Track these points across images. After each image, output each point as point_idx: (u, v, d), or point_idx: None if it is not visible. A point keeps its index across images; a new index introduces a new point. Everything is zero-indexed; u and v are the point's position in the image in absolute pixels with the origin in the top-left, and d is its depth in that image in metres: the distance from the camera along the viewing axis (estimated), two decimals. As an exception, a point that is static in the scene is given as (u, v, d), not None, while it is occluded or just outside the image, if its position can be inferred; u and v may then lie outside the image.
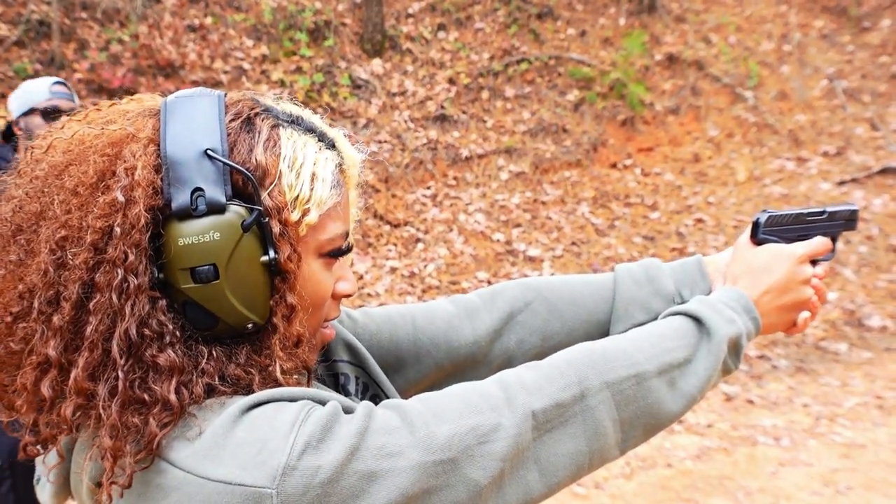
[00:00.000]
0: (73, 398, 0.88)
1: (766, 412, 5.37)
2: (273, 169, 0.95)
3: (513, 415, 0.95)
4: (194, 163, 0.91)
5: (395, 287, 6.86)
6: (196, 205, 0.90)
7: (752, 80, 9.63)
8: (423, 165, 8.12)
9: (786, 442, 4.93)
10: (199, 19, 8.52)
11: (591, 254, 7.45)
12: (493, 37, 9.46)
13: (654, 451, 4.83)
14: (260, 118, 0.98)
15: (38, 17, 7.80)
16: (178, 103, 0.95)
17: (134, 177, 0.89)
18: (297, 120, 1.02)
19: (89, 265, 0.88)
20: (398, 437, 0.89)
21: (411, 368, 1.35)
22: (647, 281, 1.34)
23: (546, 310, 1.36)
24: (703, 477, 4.54)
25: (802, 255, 1.26)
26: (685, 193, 8.37)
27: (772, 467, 4.64)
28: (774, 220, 1.29)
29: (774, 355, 6.16)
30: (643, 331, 1.13)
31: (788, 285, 1.25)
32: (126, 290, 0.88)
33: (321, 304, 1.05)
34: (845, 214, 1.35)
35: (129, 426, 0.87)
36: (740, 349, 1.16)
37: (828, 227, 1.33)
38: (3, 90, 7.27)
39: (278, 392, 0.92)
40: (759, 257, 1.27)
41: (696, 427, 5.16)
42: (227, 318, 0.94)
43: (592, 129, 8.79)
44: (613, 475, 4.56)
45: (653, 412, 1.06)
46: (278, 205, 0.94)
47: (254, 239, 0.93)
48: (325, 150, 1.01)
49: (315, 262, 1.02)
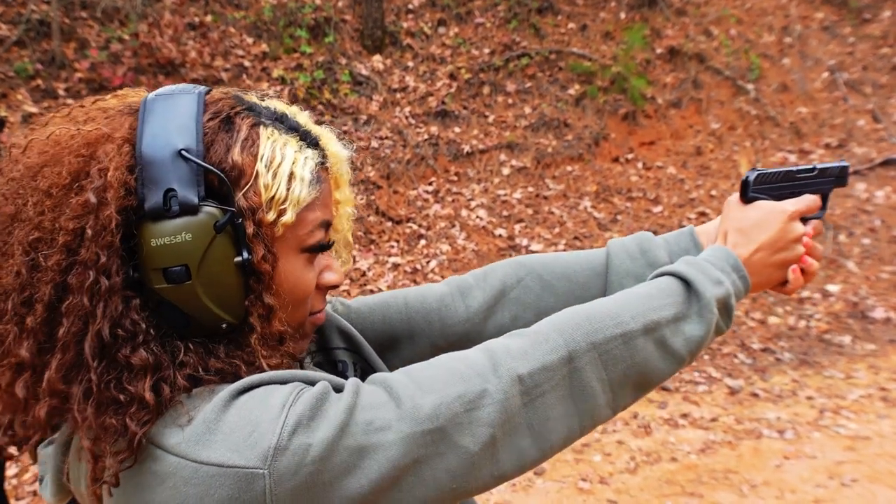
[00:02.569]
0: (46, 399, 0.89)
1: (770, 405, 5.36)
2: (249, 169, 0.95)
3: (499, 380, 0.95)
4: (168, 163, 0.91)
5: (397, 283, 6.85)
6: (169, 205, 0.90)
7: (754, 73, 9.62)
8: (425, 161, 8.12)
9: (790, 435, 4.93)
10: (199, 17, 8.51)
11: (593, 248, 7.44)
12: (493, 32, 9.45)
13: (659, 445, 4.83)
14: (240, 117, 0.98)
15: (38, 16, 7.79)
16: (157, 101, 0.95)
17: (107, 178, 0.89)
18: (280, 118, 1.01)
19: (62, 267, 0.88)
20: (385, 411, 0.90)
21: (406, 347, 1.35)
22: (640, 253, 1.34)
23: (539, 285, 1.36)
24: (707, 471, 4.54)
25: (793, 212, 1.25)
26: (687, 187, 8.36)
27: (776, 460, 4.63)
28: (764, 178, 1.28)
29: (778, 348, 6.16)
30: (630, 292, 1.12)
31: (779, 242, 1.23)
32: (98, 291, 0.88)
33: (303, 299, 1.05)
34: (835, 171, 1.33)
35: (106, 427, 0.88)
36: (730, 309, 1.15)
37: (818, 184, 1.32)
38: (3, 90, 7.27)
39: (268, 376, 0.93)
40: (748, 215, 1.25)
41: (700, 421, 5.15)
42: (200, 318, 0.94)
43: (594, 123, 8.78)
44: (618, 470, 4.56)
45: (641, 371, 1.06)
46: (253, 205, 0.94)
47: (227, 240, 0.93)
48: (306, 149, 1.01)
49: (296, 259, 1.02)
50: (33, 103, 7.07)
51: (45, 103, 7.13)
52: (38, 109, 6.94)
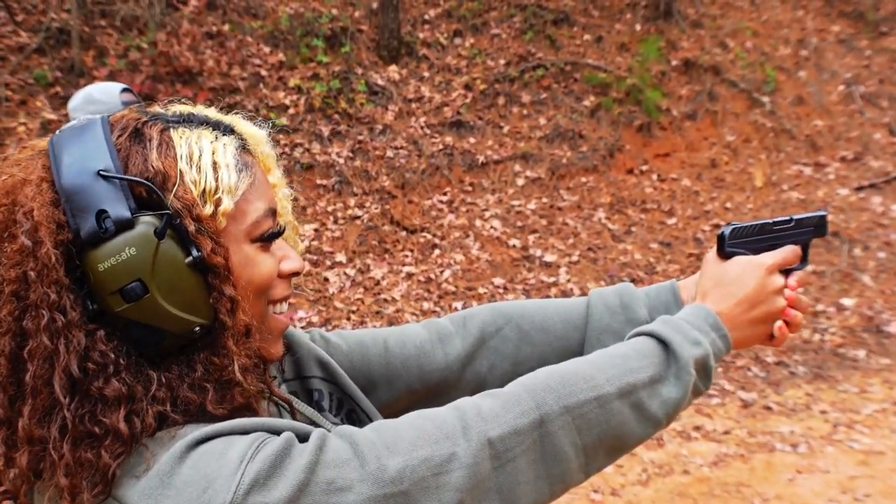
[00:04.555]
0: (25, 447, 0.88)
1: (783, 419, 5.35)
2: (172, 171, 0.94)
3: (468, 444, 0.93)
4: (91, 187, 0.90)
5: (411, 293, 6.87)
6: (104, 227, 0.89)
7: (769, 86, 9.61)
8: (440, 171, 8.14)
9: (803, 449, 4.92)
10: (217, 26, 8.57)
11: (607, 260, 7.45)
12: (509, 43, 9.48)
13: (671, 457, 4.82)
14: (148, 126, 0.97)
15: (58, 24, 7.88)
16: (63, 137, 0.95)
17: (34, 218, 0.88)
18: (187, 118, 1.01)
19: (14, 315, 0.88)
20: (348, 470, 0.88)
21: (383, 390, 1.34)
22: (620, 308, 1.32)
23: (517, 336, 1.34)
24: (720, 484, 4.53)
25: (771, 265, 1.23)
26: (702, 199, 8.35)
27: (789, 474, 4.62)
28: (739, 232, 1.26)
29: (792, 362, 6.14)
30: (606, 352, 1.10)
31: (758, 296, 1.21)
32: (56, 329, 0.87)
33: (265, 287, 1.03)
34: (814, 221, 1.31)
35: (82, 462, 0.87)
36: (709, 370, 1.12)
37: (796, 235, 1.30)
38: (23, 97, 7.34)
39: (229, 425, 0.90)
40: (726, 270, 1.24)
41: (713, 434, 5.15)
42: (171, 328, 0.93)
43: (609, 134, 8.79)
44: (630, 482, 4.56)
45: (616, 434, 1.04)
46: (187, 203, 0.93)
47: (172, 243, 0.92)
48: (221, 137, 1.00)
49: (249, 249, 1.00)
50: (52, 110, 7.14)
51: (63, 110, 7.19)
52: (57, 116, 7.01)
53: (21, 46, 7.69)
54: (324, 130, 8.11)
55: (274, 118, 7.93)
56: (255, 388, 1.01)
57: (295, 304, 6.54)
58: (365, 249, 7.26)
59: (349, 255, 7.17)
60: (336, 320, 6.45)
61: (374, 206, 7.63)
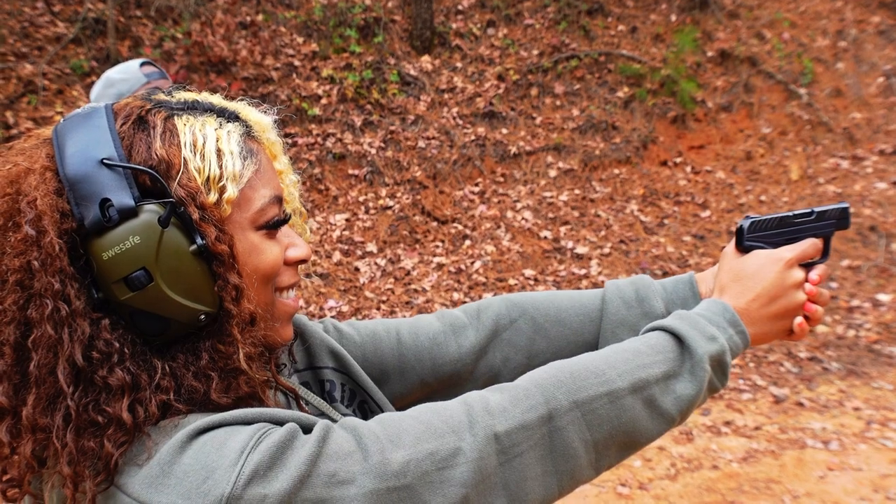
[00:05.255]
0: (29, 436, 0.88)
1: (815, 415, 5.29)
2: (176, 158, 0.94)
3: (474, 438, 0.93)
4: (95, 176, 0.90)
5: (441, 283, 6.88)
6: (108, 216, 0.89)
7: (807, 77, 9.47)
8: (471, 162, 8.13)
9: (835, 446, 4.86)
10: (251, 16, 8.62)
11: (639, 252, 7.40)
12: (542, 33, 9.43)
13: (701, 452, 4.79)
14: (151, 114, 0.97)
15: (94, 15, 7.97)
16: (67, 125, 0.95)
17: (37, 207, 0.89)
18: (192, 105, 1.01)
19: (19, 304, 0.88)
20: (351, 462, 0.87)
21: (396, 382, 1.33)
22: (636, 301, 1.30)
23: (531, 328, 1.33)
24: (749, 480, 4.49)
25: (790, 259, 1.21)
26: (737, 192, 8.27)
27: (820, 471, 4.57)
28: (758, 226, 1.24)
29: (826, 358, 6.06)
30: (618, 347, 1.09)
31: (777, 291, 1.19)
32: (60, 318, 0.88)
33: (271, 275, 1.03)
34: (835, 213, 1.28)
35: (85, 451, 0.87)
36: (726, 366, 1.11)
37: (817, 228, 1.27)
38: (60, 86, 7.43)
39: (231, 415, 0.90)
40: (744, 265, 1.22)
41: (743, 429, 5.10)
42: (176, 317, 0.93)
43: (642, 126, 8.72)
44: (658, 476, 4.53)
45: (628, 431, 1.02)
46: (191, 191, 0.93)
47: (176, 231, 0.92)
48: (226, 124, 1.00)
49: (254, 236, 1.00)
50: (88, 100, 7.22)
51: (99, 100, 7.28)
52: (93, 106, 7.09)
53: (58, 36, 7.79)
54: (356, 120, 8.13)
55: (306, 108, 7.96)
56: (261, 377, 1.00)
57: (325, 294, 6.57)
58: (396, 239, 7.28)
59: (380, 245, 7.19)
60: (366, 310, 6.48)
61: (405, 197, 7.64)
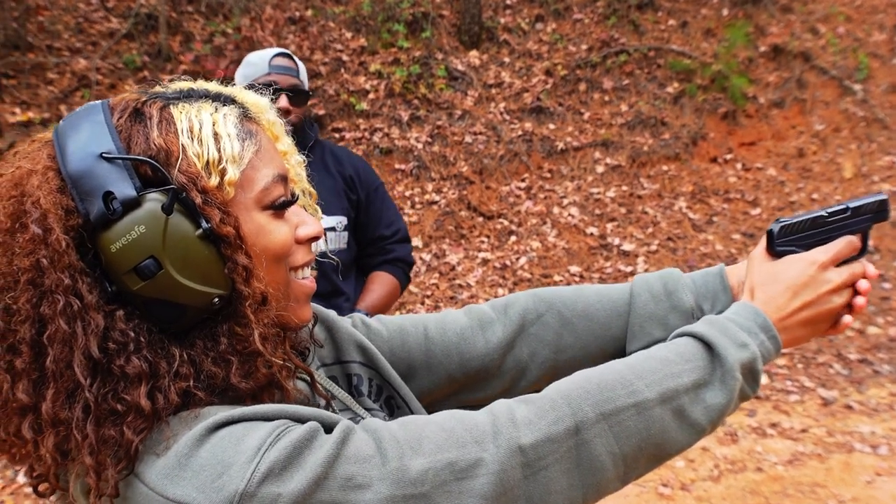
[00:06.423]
0: (49, 430, 0.90)
1: (864, 419, 5.19)
2: (174, 146, 0.95)
3: (497, 450, 0.91)
4: (95, 170, 0.92)
5: (486, 279, 6.88)
6: (112, 208, 0.90)
7: (862, 73, 9.28)
8: (518, 157, 8.11)
9: (884, 450, 4.76)
10: (300, 12, 8.68)
11: (686, 250, 7.33)
12: (591, 28, 9.36)
13: (745, 454, 4.73)
14: (147, 105, 0.98)
15: (146, 10, 8.10)
16: (66, 125, 0.97)
17: (42, 206, 0.90)
18: (187, 93, 1.02)
19: (32, 302, 0.90)
20: (369, 467, 0.87)
21: (423, 378, 1.32)
22: (664, 295, 1.28)
23: (559, 323, 1.32)
24: (794, 483, 4.43)
25: (824, 262, 1.16)
26: (788, 189, 8.13)
27: (867, 476, 4.49)
28: (790, 229, 1.18)
29: (877, 360, 5.95)
30: (646, 355, 1.06)
31: (812, 298, 1.15)
32: (72, 313, 0.89)
33: (282, 254, 1.03)
34: (873, 206, 1.21)
35: (106, 440, 0.88)
36: (757, 373, 1.07)
37: (854, 224, 1.20)
38: (113, 80, 7.57)
39: (251, 410, 0.91)
40: (775, 270, 1.18)
41: (789, 431, 5.03)
42: (190, 302, 0.94)
43: (692, 122, 8.62)
44: (701, 477, 4.49)
45: (657, 443, 1.00)
46: (191, 176, 0.94)
47: (181, 217, 0.93)
48: (221, 108, 1.01)
49: (261, 216, 1.01)
50: (141, 94, 7.35)
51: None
52: (146, 100, 7.21)
53: (111, 32, 7.93)
54: (403, 115, 8.16)
55: (354, 103, 8.00)
56: (279, 359, 1.01)
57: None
58: (441, 234, 7.29)
59: (425, 240, 7.21)
60: (410, 304, 6.51)
61: (451, 192, 7.65)
